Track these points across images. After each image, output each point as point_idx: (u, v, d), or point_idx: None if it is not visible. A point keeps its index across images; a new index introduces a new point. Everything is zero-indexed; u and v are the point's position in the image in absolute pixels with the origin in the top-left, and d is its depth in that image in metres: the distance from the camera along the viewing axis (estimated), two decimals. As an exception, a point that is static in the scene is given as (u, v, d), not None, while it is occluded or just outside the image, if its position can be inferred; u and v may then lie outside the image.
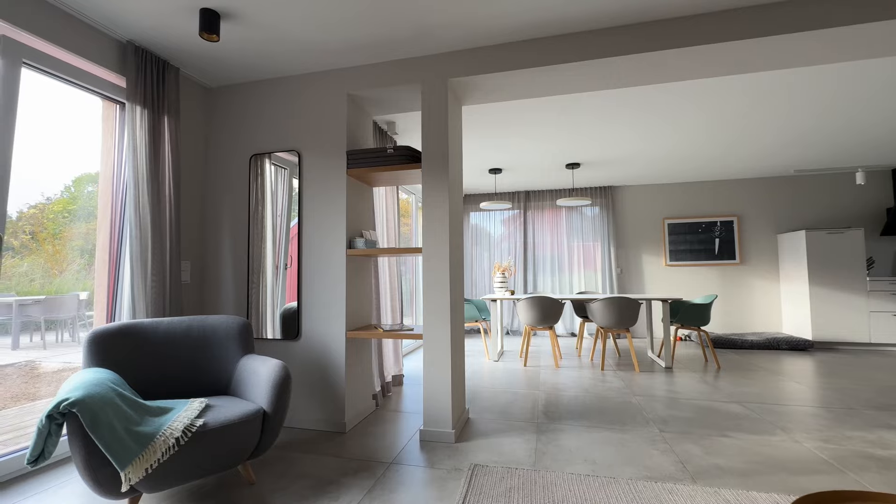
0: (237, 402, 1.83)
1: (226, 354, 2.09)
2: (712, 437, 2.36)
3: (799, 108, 3.43)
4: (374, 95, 2.67)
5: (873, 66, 2.76)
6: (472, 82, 2.50)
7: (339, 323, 2.54)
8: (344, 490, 1.80)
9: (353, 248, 2.58)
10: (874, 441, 2.28)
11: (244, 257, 2.74)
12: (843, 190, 5.57)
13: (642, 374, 3.80)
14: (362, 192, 2.84)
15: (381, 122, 3.50)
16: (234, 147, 2.81)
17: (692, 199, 6.04)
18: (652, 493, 1.75)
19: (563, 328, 6.34)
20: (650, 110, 3.44)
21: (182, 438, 1.51)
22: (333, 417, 2.51)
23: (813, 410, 2.79)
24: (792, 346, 4.94)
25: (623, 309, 4.02)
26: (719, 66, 2.35)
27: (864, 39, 2.09)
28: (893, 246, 5.39)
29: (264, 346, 2.67)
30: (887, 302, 4.92)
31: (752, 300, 5.79)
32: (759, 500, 1.68)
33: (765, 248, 5.78)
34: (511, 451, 2.19)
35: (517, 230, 6.55)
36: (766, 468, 1.98)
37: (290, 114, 2.72)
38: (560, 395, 3.20)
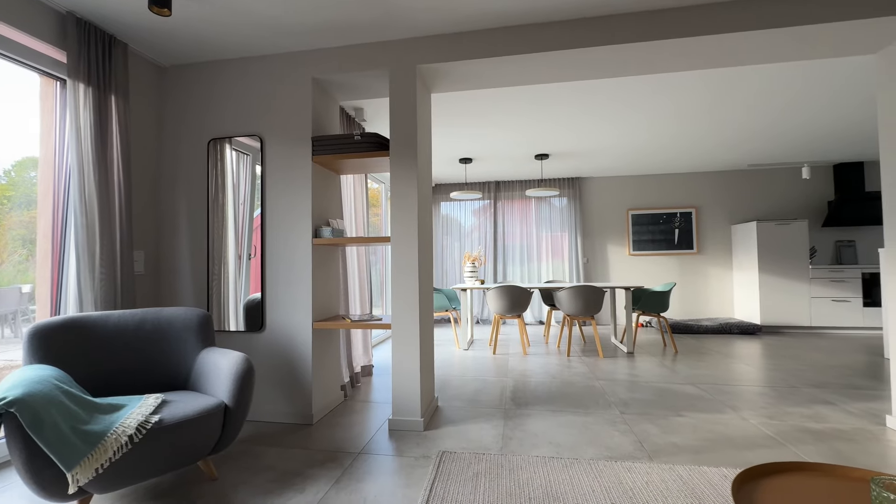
0: (197, 396, 1.77)
1: (184, 348, 2.01)
2: (669, 417, 2.48)
3: (755, 106, 3.60)
4: (341, 80, 2.59)
5: (822, 68, 2.92)
6: (442, 69, 2.46)
7: (305, 314, 2.48)
8: (310, 482, 1.78)
9: (320, 238, 2.52)
10: (811, 416, 2.47)
11: (203, 247, 2.62)
12: (790, 184, 5.93)
13: (606, 360, 3.94)
14: (329, 180, 2.77)
15: (349, 107, 3.41)
16: (190, 131, 2.66)
17: (655, 191, 6.26)
18: (612, 471, 1.82)
19: (531, 316, 6.47)
20: (617, 104, 3.52)
21: (136, 436, 1.44)
22: (300, 410, 2.47)
23: (759, 390, 2.98)
24: (742, 331, 5.26)
25: (588, 297, 4.15)
26: (685, 61, 2.42)
27: (809, 41, 2.20)
28: (833, 236, 5.80)
29: (227, 339, 2.58)
30: (827, 288, 5.31)
31: (708, 288, 6.11)
32: (710, 474, 1.79)
33: (720, 238, 6.09)
34: (479, 437, 2.23)
35: (488, 220, 6.59)
36: (716, 444, 2.11)
37: (251, 97, 2.60)
38: (527, 381, 3.28)
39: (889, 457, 1.96)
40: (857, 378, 3.24)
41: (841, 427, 2.30)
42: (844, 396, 2.81)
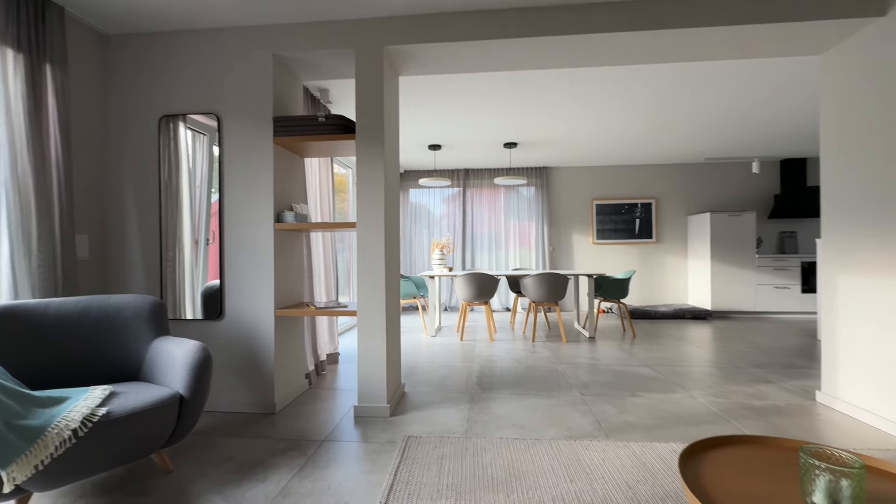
0: (149, 387, 1.68)
1: (134, 337, 1.90)
2: (625, 397, 2.61)
3: (712, 102, 3.76)
4: (305, 58, 2.49)
5: (773, 69, 3.08)
6: (410, 51, 2.41)
7: (266, 301, 2.41)
8: (272, 471, 1.75)
9: (282, 223, 2.44)
10: (753, 394, 2.66)
11: (156, 231, 2.47)
12: (741, 177, 6.27)
13: (569, 344, 4.08)
14: (292, 163, 2.67)
15: (314, 88, 3.29)
16: (139, 106, 2.48)
17: (618, 181, 6.46)
18: (571, 450, 1.90)
19: (498, 303, 6.58)
20: (583, 95, 3.57)
21: (80, 430, 1.36)
22: (262, 399, 2.41)
23: (708, 370, 3.18)
24: (695, 316, 5.57)
25: (553, 284, 4.25)
26: (642, 54, 2.48)
27: (758, 40, 2.31)
28: (778, 227, 6.21)
29: (183, 328, 2.47)
30: (771, 276, 5.70)
31: (664, 275, 6.41)
32: (661, 450, 1.90)
33: (677, 228, 6.39)
34: (444, 421, 2.26)
35: (457, 208, 6.60)
36: (668, 422, 2.23)
37: (207, 72, 2.45)
38: (493, 366, 3.34)
39: (817, 428, 2.15)
40: (793, 358, 3.52)
41: (778, 403, 2.50)
42: (782, 375, 3.05)
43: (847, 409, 2.32)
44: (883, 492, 0.98)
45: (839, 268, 2.39)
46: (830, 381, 2.44)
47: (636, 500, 1.52)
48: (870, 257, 2.20)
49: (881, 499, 0.95)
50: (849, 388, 2.32)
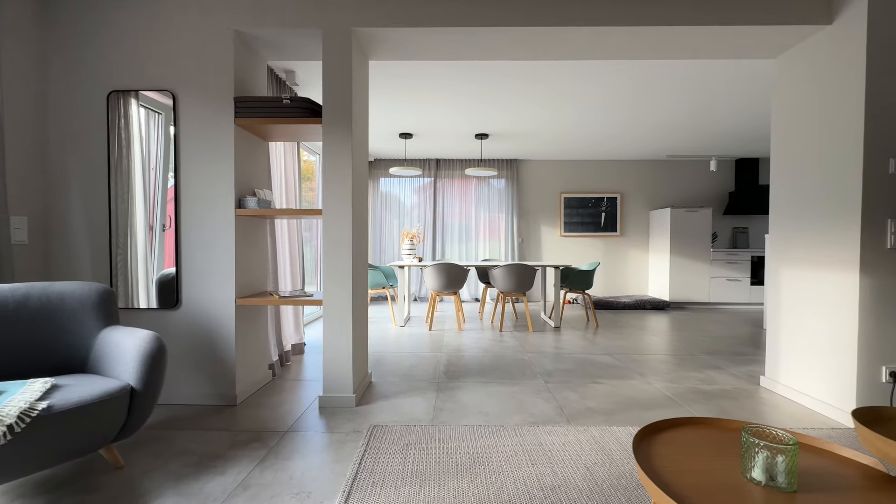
0: (96, 379, 1.59)
1: (80, 327, 1.79)
2: (587, 384, 2.70)
3: (674, 101, 3.89)
4: (268, 37, 2.38)
5: (727, 69, 3.22)
6: (380, 35, 2.35)
7: (227, 289, 2.32)
8: (232, 463, 1.70)
9: (244, 208, 2.34)
10: (703, 379, 2.82)
11: (105, 215, 2.32)
12: (699, 175, 6.57)
13: (535, 334, 4.17)
14: (255, 147, 2.57)
15: (279, 69, 3.16)
16: (84, 78, 2.30)
17: (586, 175, 6.62)
18: (534, 435, 1.95)
19: (467, 294, 6.64)
20: (554, 90, 3.62)
21: (17, 425, 1.27)
22: (222, 390, 2.33)
23: (664, 358, 3.34)
24: (654, 306, 5.83)
25: (521, 275, 4.33)
26: (617, 50, 2.53)
27: (715, 41, 2.40)
28: (732, 223, 6.56)
29: (137, 317, 2.34)
30: (724, 269, 6.03)
31: (627, 267, 6.66)
32: (618, 433, 1.98)
33: (639, 222, 6.63)
34: (411, 410, 2.26)
35: (428, 198, 6.57)
36: (625, 407, 2.33)
37: (162, 45, 2.30)
38: (461, 355, 3.37)
39: (760, 410, 2.30)
40: (741, 346, 3.75)
41: (725, 387, 2.66)
42: (730, 362, 3.24)
43: (787, 393, 2.50)
44: (812, 466, 1.06)
45: (783, 262, 2.55)
46: (773, 367, 2.62)
47: (594, 481, 1.58)
48: (808, 252, 2.36)
49: (811, 472, 1.03)
50: (788, 372, 2.50)
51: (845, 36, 2.17)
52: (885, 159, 2.07)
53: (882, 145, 2.07)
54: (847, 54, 2.16)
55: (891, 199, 2.07)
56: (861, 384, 2.09)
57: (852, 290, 2.12)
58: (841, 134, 2.19)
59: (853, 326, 2.11)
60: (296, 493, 1.51)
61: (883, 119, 2.06)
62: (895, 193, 2.07)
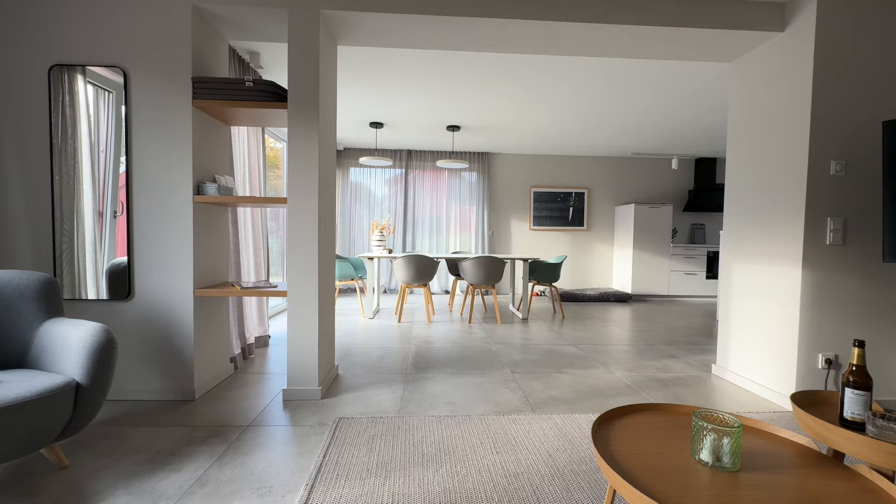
0: (36, 375, 1.49)
1: (17, 319, 1.66)
2: (552, 374, 2.77)
3: (639, 100, 4.01)
4: (230, 14, 2.26)
5: (688, 71, 3.34)
6: (349, 19, 2.28)
7: (184, 280, 2.21)
8: (188, 459, 1.64)
9: (203, 195, 2.24)
10: (660, 368, 2.95)
11: (47, 200, 2.16)
12: (662, 173, 6.82)
13: (503, 326, 4.24)
14: (215, 130, 2.45)
15: (242, 50, 3.02)
16: (21, 50, 2.12)
17: (555, 170, 6.73)
18: (499, 424, 1.99)
19: (437, 286, 6.65)
20: (526, 84, 3.64)
21: (-57, 425, 1.17)
22: (179, 385, 2.24)
23: (625, 348, 3.47)
24: (617, 299, 6.04)
25: (490, 267, 4.37)
26: (583, 45, 2.57)
27: (677, 42, 2.49)
28: (690, 220, 6.87)
29: (84, 309, 2.20)
30: (682, 263, 6.32)
31: (593, 261, 6.86)
32: (580, 420, 2.05)
33: (605, 217, 6.83)
34: (378, 402, 2.25)
35: (399, 190, 6.51)
36: (587, 395, 2.41)
37: (111, 16, 2.14)
38: (430, 347, 3.38)
39: (710, 396, 2.44)
40: (696, 336, 3.95)
41: (680, 375, 2.80)
42: (685, 351, 3.41)
43: (735, 380, 2.66)
44: (755, 447, 1.14)
45: (734, 256, 2.70)
46: (724, 356, 2.78)
47: (556, 466, 1.63)
48: (757, 248, 2.51)
49: (753, 452, 1.10)
50: (737, 361, 2.66)
51: (795, 43, 2.29)
52: (827, 161, 2.21)
53: (825, 148, 2.21)
54: (796, 60, 2.28)
55: (831, 199, 2.22)
56: (801, 370, 2.25)
57: (795, 283, 2.27)
58: (789, 136, 2.32)
59: (795, 317, 2.27)
60: (257, 487, 1.47)
61: (826, 122, 2.20)
62: (835, 193, 2.22)
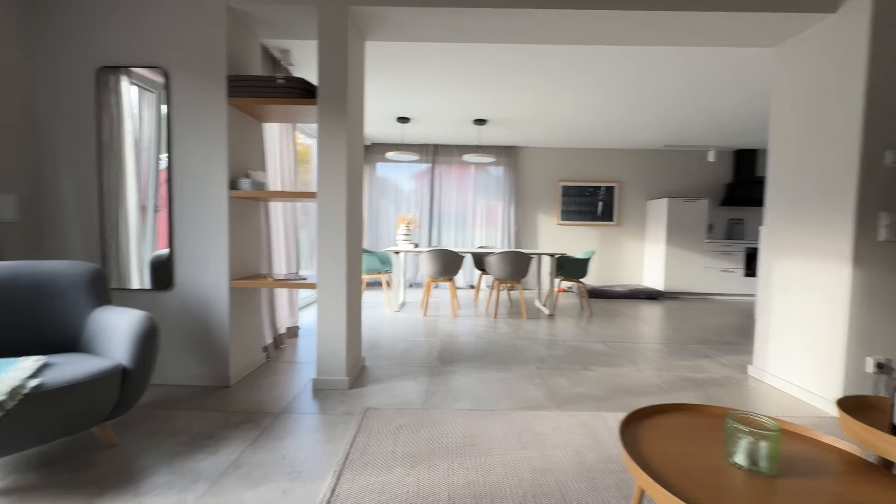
0: (88, 358, 1.59)
1: (71, 306, 1.78)
2: (578, 371, 2.73)
3: (674, 90, 3.85)
4: (262, 13, 2.32)
5: (727, 58, 3.17)
6: (377, 14, 2.30)
7: (220, 272, 2.31)
8: (224, 443, 1.72)
9: (237, 189, 2.32)
10: (693, 367, 2.86)
11: (95, 195, 2.29)
12: (697, 165, 6.54)
13: (529, 321, 4.20)
14: (249, 127, 2.53)
15: (274, 48, 3.09)
16: (73, 54, 2.25)
17: (584, 164, 6.58)
18: (524, 420, 1.98)
19: (463, 281, 6.65)
20: (554, 75, 3.56)
21: (8, 402, 1.27)
22: (216, 372, 2.34)
23: (655, 346, 3.38)
24: (648, 296, 5.87)
25: (516, 263, 4.33)
26: (617, 35, 2.49)
27: (711, 28, 2.37)
28: (728, 214, 6.57)
29: (129, 298, 2.33)
30: (718, 260, 6.07)
31: (622, 257, 6.68)
32: (607, 419, 2.01)
33: (636, 212, 6.63)
34: (403, 393, 2.29)
35: (425, 185, 6.53)
36: (615, 393, 2.36)
37: (154, 19, 2.24)
38: (455, 341, 3.40)
39: (746, 398, 2.34)
40: (731, 335, 3.79)
41: (714, 376, 2.70)
42: (720, 351, 3.28)
43: (773, 382, 2.54)
44: (795, 452, 1.09)
45: (776, 253, 2.57)
46: (761, 357, 2.66)
47: (583, 464, 1.61)
48: (801, 244, 2.37)
49: (793, 458, 1.06)
50: (776, 362, 2.54)
51: (848, 25, 2.14)
52: (881, 151, 2.06)
53: (880, 137, 2.06)
54: (849, 43, 2.13)
55: (885, 192, 2.07)
56: (848, 374, 2.13)
57: (843, 282, 2.13)
58: (839, 125, 2.17)
59: (843, 317, 2.14)
60: (287, 472, 1.53)
61: (882, 109, 2.05)
62: (890, 186, 2.07)
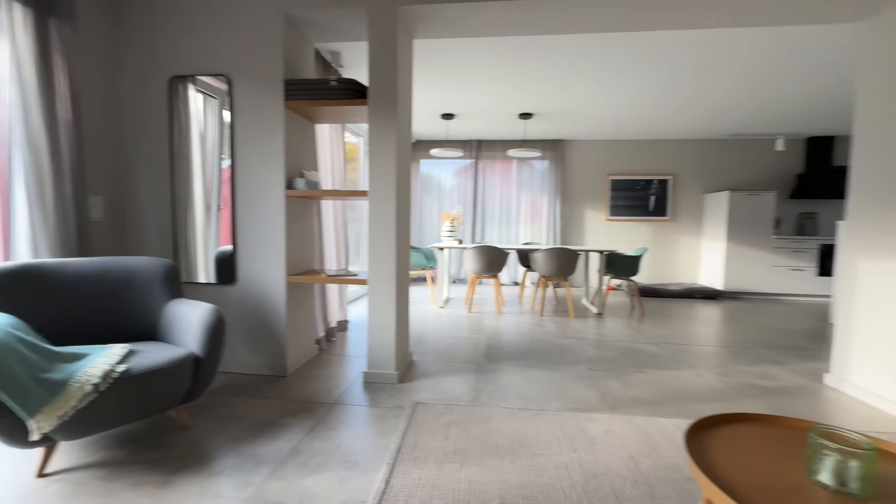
0: (165, 347, 1.73)
1: (150, 299, 1.94)
2: (630, 373, 2.62)
3: (739, 75, 3.57)
4: (316, 18, 2.40)
5: (805, 40, 2.89)
6: (426, 12, 2.31)
7: (278, 267, 2.43)
8: (284, 430, 1.81)
9: (294, 189, 2.42)
10: (759, 374, 2.66)
11: (167, 195, 2.48)
12: (763, 155, 6.05)
13: (576, 320, 4.09)
14: (303, 129, 2.63)
15: (325, 51, 3.19)
16: (149, 66, 2.44)
17: (635, 157, 6.28)
18: (575, 421, 1.93)
19: (507, 277, 6.59)
20: (605, 65, 3.42)
21: (101, 385, 1.41)
22: (274, 362, 2.48)
23: (715, 350, 3.18)
24: (705, 296, 5.52)
25: (562, 260, 4.22)
26: (682, 18, 2.34)
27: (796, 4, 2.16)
28: (798, 208, 6.03)
29: (197, 291, 2.52)
30: (787, 258, 5.59)
31: (677, 254, 6.32)
32: (664, 424, 1.92)
33: (692, 206, 6.24)
34: (451, 389, 2.30)
35: (468, 181, 6.51)
36: (672, 398, 2.25)
37: (216, 31, 2.38)
38: (500, 338, 3.37)
39: (824, 410, 2.15)
40: (803, 340, 3.49)
41: (785, 384, 2.49)
42: (791, 357, 3.03)
43: (856, 393, 2.31)
44: (890, 472, 0.98)
45: (861, 250, 2.32)
46: (841, 364, 2.42)
47: (639, 470, 1.55)
48: (893, 240, 2.13)
49: (888, 478, 0.95)
50: (858, 371, 2.30)
51: (957, -8, 1.88)
52: None
53: None
54: (958, 14, 1.87)
55: None
56: (948, 388, 1.89)
57: (945, 285, 1.89)
58: (943, 107, 1.92)
59: (943, 324, 1.90)
60: (343, 461, 1.58)
61: None
62: None
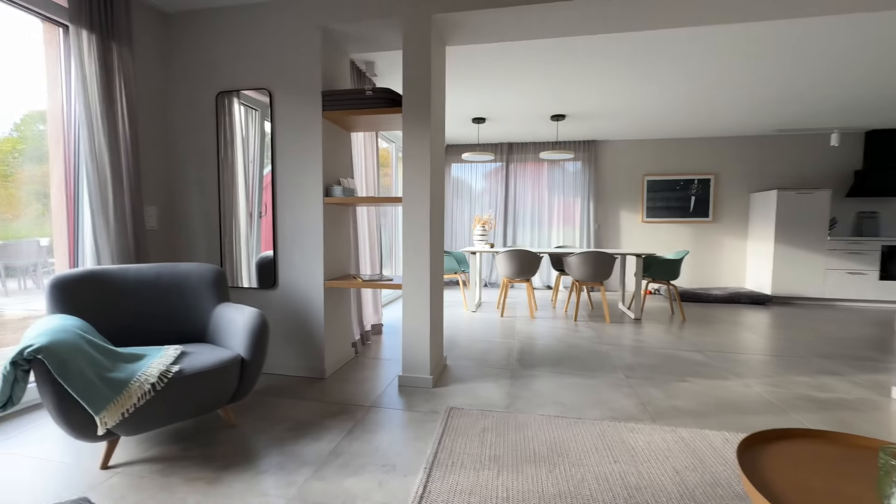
0: (214, 349, 1.82)
1: (200, 302, 2.05)
2: (673, 382, 2.52)
3: (790, 66, 3.38)
4: (351, 30, 2.47)
5: (869, 25, 2.70)
6: (458, 19, 2.33)
7: (316, 272, 2.51)
8: (325, 431, 1.86)
9: (331, 196, 2.50)
10: (816, 385, 2.49)
11: (214, 204, 2.62)
12: (816, 151, 5.68)
13: (613, 325, 3.97)
14: (339, 137, 2.71)
15: (360, 61, 3.28)
16: (198, 83, 2.59)
17: (673, 156, 6.05)
18: (615, 431, 1.87)
19: (539, 281, 6.49)
20: (638, 62, 3.32)
21: (158, 384, 1.50)
22: (313, 364, 2.55)
23: (765, 358, 3.00)
24: (752, 301, 5.23)
25: (598, 263, 4.12)
26: (719, 13, 2.25)
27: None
28: (856, 207, 5.61)
29: (240, 295, 2.63)
30: (844, 260, 5.21)
31: (721, 257, 6.03)
32: (711, 437, 1.83)
33: (737, 206, 5.94)
34: (486, 395, 2.29)
35: (499, 184, 6.48)
36: (719, 409, 2.14)
37: (259, 47, 2.50)
38: (534, 343, 3.33)
39: (893, 427, 1.98)
40: (865, 350, 3.24)
41: (845, 397, 2.32)
42: (851, 367, 2.82)
43: (928, 408, 2.12)
44: (976, 500, 0.89)
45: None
46: (910, 377, 2.23)
47: (684, 485, 1.48)
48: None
49: (973, 508, 0.87)
50: (932, 385, 2.11)
51: None
52: None
53: None
54: None
55: None
56: None
57: None
58: None
59: None
60: (382, 464, 1.61)
61: None
62: None
